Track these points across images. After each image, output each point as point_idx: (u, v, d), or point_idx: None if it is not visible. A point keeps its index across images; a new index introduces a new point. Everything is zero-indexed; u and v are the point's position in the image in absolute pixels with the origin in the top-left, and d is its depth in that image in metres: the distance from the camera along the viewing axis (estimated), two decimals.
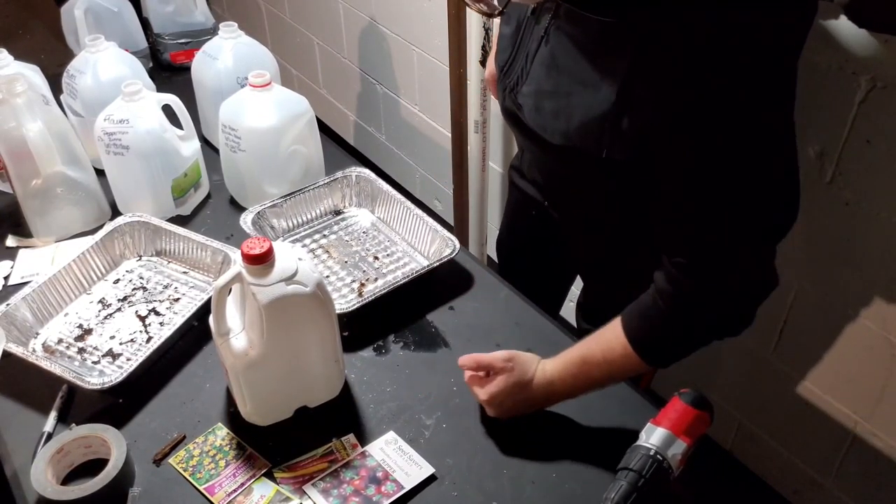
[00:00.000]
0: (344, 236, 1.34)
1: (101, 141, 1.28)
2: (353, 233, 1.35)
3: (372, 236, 1.34)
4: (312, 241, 1.33)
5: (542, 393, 0.98)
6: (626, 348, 0.92)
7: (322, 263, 1.28)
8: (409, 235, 1.32)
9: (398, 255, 1.30)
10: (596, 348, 0.95)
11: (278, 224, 1.33)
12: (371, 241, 1.33)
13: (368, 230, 1.35)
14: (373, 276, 1.25)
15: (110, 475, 0.90)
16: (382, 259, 1.29)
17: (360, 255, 1.29)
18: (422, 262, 1.26)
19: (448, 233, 1.24)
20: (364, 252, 1.30)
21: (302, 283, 0.92)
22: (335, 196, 1.39)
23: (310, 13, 2.53)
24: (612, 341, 0.93)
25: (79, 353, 1.12)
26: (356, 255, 1.30)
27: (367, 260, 1.28)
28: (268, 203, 1.31)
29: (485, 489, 0.94)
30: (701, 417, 0.89)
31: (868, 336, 1.29)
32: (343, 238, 1.34)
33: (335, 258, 1.28)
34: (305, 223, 1.36)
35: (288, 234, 1.34)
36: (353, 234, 1.34)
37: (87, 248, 1.22)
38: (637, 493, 0.83)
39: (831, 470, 1.47)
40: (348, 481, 0.94)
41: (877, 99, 1.12)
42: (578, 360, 0.96)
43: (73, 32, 1.70)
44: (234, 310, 0.98)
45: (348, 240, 1.33)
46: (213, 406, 1.05)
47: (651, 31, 0.81)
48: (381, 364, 1.11)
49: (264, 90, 1.31)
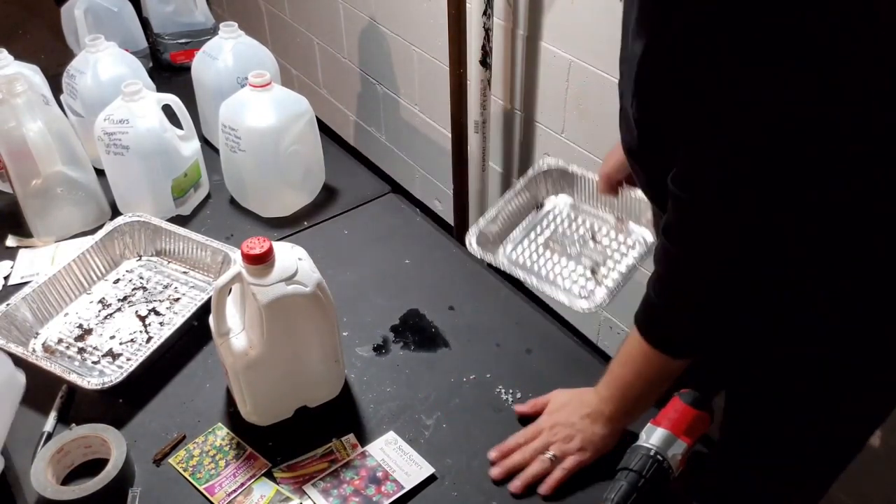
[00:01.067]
0: (557, 227, 1.33)
1: (101, 141, 1.28)
2: (564, 221, 1.33)
3: (581, 220, 1.33)
4: (531, 242, 1.30)
5: (595, 399, 0.95)
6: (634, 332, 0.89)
7: (548, 261, 1.26)
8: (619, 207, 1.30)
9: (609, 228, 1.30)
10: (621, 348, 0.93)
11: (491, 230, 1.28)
12: (580, 224, 1.32)
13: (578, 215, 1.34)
14: (599, 258, 1.25)
15: (110, 475, 0.90)
16: (601, 238, 1.29)
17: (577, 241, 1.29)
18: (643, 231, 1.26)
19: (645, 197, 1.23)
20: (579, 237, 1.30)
21: (302, 283, 0.92)
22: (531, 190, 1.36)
23: (310, 13, 2.53)
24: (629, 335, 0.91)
25: (79, 353, 1.12)
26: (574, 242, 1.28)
27: (588, 244, 1.28)
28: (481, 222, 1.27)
29: (485, 489, 0.94)
30: (701, 417, 0.89)
31: None
32: (556, 230, 1.32)
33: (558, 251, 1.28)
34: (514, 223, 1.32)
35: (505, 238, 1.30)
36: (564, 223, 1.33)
37: (87, 248, 1.22)
38: (637, 493, 0.83)
39: None
40: (348, 481, 0.94)
41: None
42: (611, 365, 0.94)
43: (73, 32, 1.71)
44: (234, 310, 0.98)
45: (561, 230, 1.32)
46: (213, 406, 1.05)
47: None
48: (381, 364, 1.12)
49: (264, 90, 1.31)
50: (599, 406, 0.94)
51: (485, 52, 1.71)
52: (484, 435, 1.01)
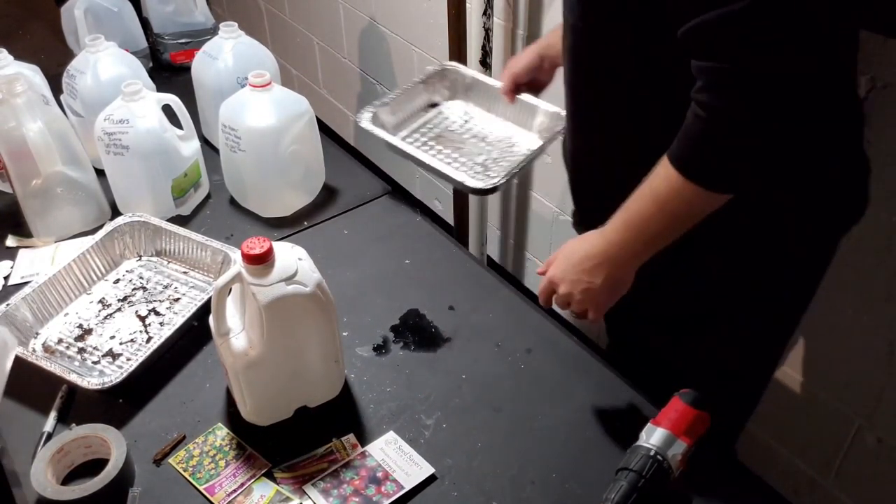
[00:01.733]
0: (449, 126, 1.39)
1: (101, 141, 1.28)
2: (456, 122, 1.40)
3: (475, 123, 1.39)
4: (421, 135, 1.37)
5: (599, 243, 0.95)
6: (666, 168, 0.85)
7: (439, 153, 1.32)
8: (511, 115, 1.37)
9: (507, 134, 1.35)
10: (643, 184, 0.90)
11: (388, 120, 1.37)
12: (476, 128, 1.38)
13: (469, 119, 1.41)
14: (493, 154, 1.30)
15: (110, 475, 0.90)
16: (492, 141, 1.34)
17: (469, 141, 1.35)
18: (532, 137, 1.33)
19: (551, 105, 1.30)
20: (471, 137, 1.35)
21: (302, 283, 0.92)
22: (430, 91, 1.43)
23: (310, 13, 2.53)
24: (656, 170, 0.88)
25: (79, 353, 1.12)
26: (465, 142, 1.35)
27: (479, 144, 1.33)
28: (377, 102, 1.36)
29: (485, 489, 0.94)
30: (701, 417, 0.89)
31: (868, 336, 1.29)
32: (448, 128, 1.39)
33: (450, 146, 1.34)
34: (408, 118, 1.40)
35: (399, 129, 1.38)
36: (456, 123, 1.40)
37: (87, 248, 1.22)
38: (637, 493, 0.83)
39: (831, 470, 1.47)
40: (348, 481, 0.94)
41: (877, 99, 1.12)
42: (628, 202, 0.91)
43: (73, 32, 1.71)
44: (233, 310, 0.98)
45: (454, 129, 1.38)
46: (213, 406, 1.05)
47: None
48: (381, 364, 1.12)
49: (264, 90, 1.31)
50: (608, 251, 0.94)
51: (485, 52, 1.72)
52: (484, 435, 1.01)
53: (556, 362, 1.11)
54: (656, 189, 0.88)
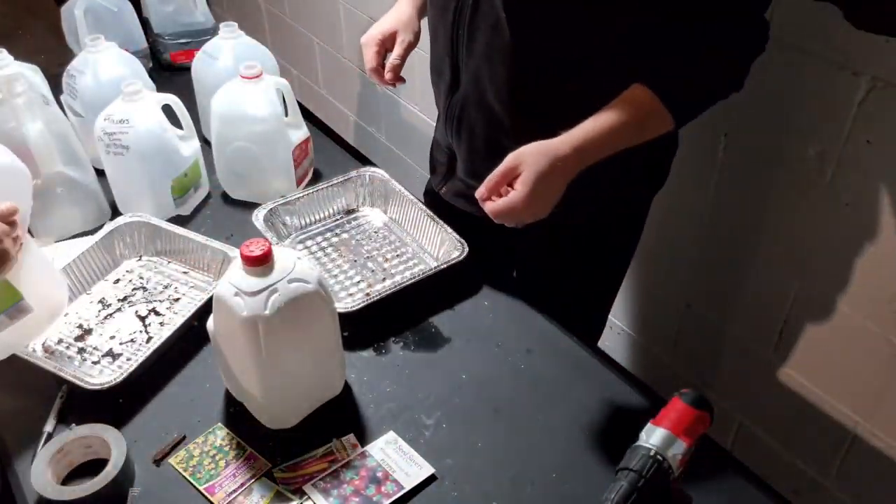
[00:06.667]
0: (356, 235, 1.34)
1: (101, 141, 1.28)
2: (365, 232, 1.35)
3: (383, 236, 1.34)
4: (323, 240, 1.33)
5: (566, 144, 0.98)
6: (638, 87, 0.98)
7: (332, 262, 1.28)
8: (419, 236, 1.32)
9: (408, 256, 1.30)
10: (615, 100, 1.00)
11: (291, 221, 1.33)
12: (382, 241, 1.33)
13: (380, 230, 1.35)
14: (381, 276, 1.25)
15: (110, 475, 0.90)
16: (392, 260, 1.29)
17: (370, 255, 1.29)
18: (431, 264, 1.26)
19: (457, 235, 1.24)
20: (374, 252, 1.30)
21: (304, 280, 0.92)
22: (349, 195, 1.39)
23: (310, 13, 2.53)
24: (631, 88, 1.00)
25: (79, 353, 1.12)
26: (366, 254, 1.30)
27: (377, 260, 1.28)
28: (281, 200, 1.32)
29: (485, 489, 0.94)
30: (701, 417, 0.89)
31: (868, 336, 1.29)
32: (355, 237, 1.34)
33: (346, 257, 1.29)
34: (318, 221, 1.36)
35: (300, 232, 1.34)
36: (364, 234, 1.34)
37: (87, 248, 1.22)
38: (637, 493, 0.83)
39: (831, 470, 1.47)
40: (348, 481, 0.95)
41: (877, 99, 1.12)
42: (598, 114, 0.99)
43: (73, 32, 1.71)
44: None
45: (360, 239, 1.33)
46: (213, 406, 1.05)
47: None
48: (381, 364, 1.12)
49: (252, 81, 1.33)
50: (574, 155, 0.98)
51: None
52: (484, 435, 1.01)
53: (556, 362, 1.11)
54: (637, 115, 0.99)
